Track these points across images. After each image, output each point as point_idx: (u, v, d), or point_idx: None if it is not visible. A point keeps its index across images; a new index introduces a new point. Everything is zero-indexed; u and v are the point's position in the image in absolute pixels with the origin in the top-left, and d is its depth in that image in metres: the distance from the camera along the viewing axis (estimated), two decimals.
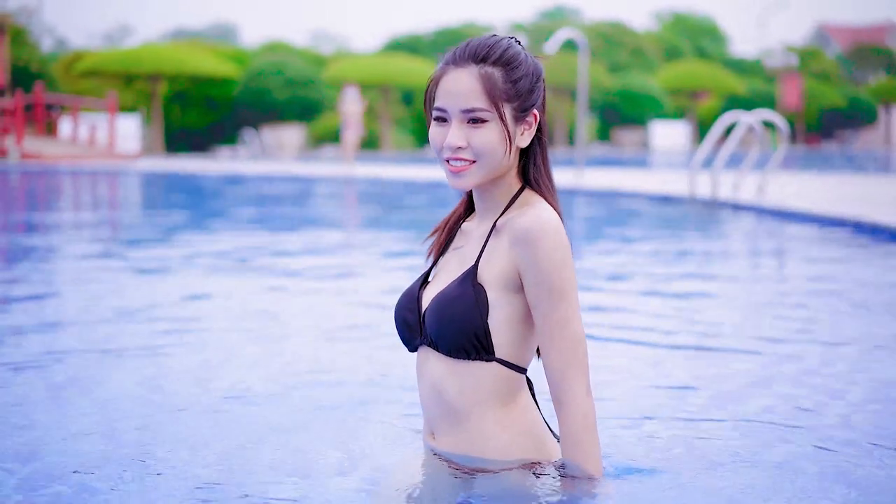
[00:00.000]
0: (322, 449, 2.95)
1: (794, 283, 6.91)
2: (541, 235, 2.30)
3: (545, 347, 2.34)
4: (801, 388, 3.77)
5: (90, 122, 30.91)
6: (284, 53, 42.60)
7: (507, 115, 2.35)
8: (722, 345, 4.66)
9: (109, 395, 3.61)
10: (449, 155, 2.36)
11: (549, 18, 59.46)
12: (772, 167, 13.25)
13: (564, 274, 2.31)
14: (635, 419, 3.33)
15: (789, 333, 4.90)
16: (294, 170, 23.06)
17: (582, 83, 18.19)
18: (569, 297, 2.32)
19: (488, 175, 2.38)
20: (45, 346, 4.46)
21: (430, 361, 2.48)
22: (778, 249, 9.09)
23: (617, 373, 4.03)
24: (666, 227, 11.33)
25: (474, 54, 2.35)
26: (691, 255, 8.50)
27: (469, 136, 2.34)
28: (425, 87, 2.44)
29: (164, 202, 15.86)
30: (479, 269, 2.40)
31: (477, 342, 2.37)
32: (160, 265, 7.53)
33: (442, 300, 2.41)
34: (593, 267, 7.50)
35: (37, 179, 20.45)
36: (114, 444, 3.01)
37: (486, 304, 2.37)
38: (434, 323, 2.42)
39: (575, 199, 14.86)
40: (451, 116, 2.36)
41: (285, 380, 3.87)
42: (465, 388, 2.41)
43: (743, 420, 3.33)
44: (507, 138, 2.36)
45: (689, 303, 5.95)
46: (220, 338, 4.77)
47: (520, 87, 2.36)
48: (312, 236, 10.03)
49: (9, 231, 10.42)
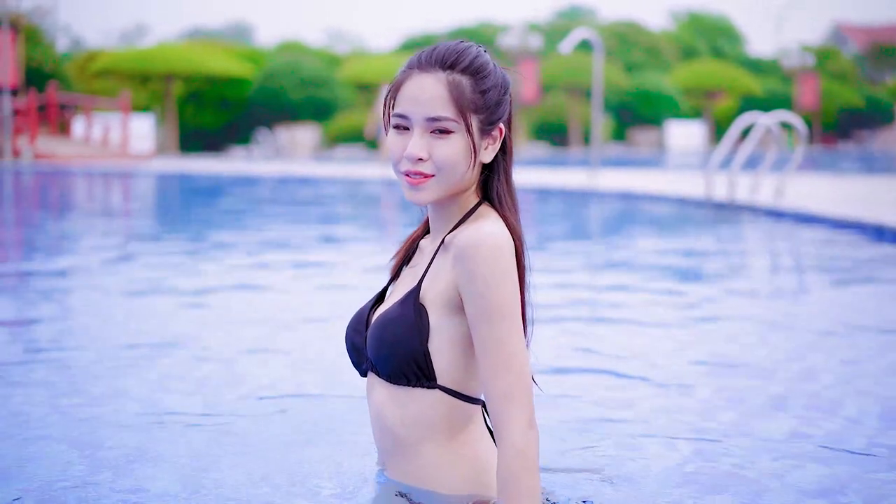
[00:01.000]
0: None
1: (813, 292, 6.73)
2: (479, 251, 2.11)
3: (483, 373, 2.14)
4: (817, 404, 3.62)
5: (104, 122, 30.86)
6: (299, 53, 42.54)
7: (473, 126, 2.18)
8: (736, 360, 4.50)
9: (116, 393, 3.49)
10: (408, 167, 2.18)
11: (564, 18, 59.29)
12: (790, 169, 13.05)
13: (503, 292, 2.11)
14: (651, 424, 3.19)
15: (805, 345, 4.74)
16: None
17: (597, 84, 18.04)
18: (508, 318, 2.11)
19: (448, 190, 2.21)
20: (42, 349, 4.35)
21: (375, 388, 2.31)
22: (797, 255, 8.91)
23: (628, 382, 3.89)
24: (681, 230, 11.16)
25: (442, 60, 2.18)
26: (707, 261, 8.34)
27: (431, 148, 2.17)
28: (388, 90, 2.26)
29: (180, 204, 15.76)
30: (422, 289, 2.23)
31: (417, 368, 2.20)
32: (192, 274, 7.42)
33: (381, 322, 2.25)
34: (604, 270, 7.35)
35: (47, 180, 20.41)
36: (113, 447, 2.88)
37: (427, 326, 2.19)
38: (373, 346, 2.25)
39: (589, 201, 14.71)
40: (413, 125, 2.18)
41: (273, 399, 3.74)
42: (407, 417, 2.24)
43: (762, 438, 3.18)
44: (471, 152, 2.19)
45: (701, 311, 5.78)
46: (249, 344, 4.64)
47: (488, 98, 2.20)
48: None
49: (14, 231, 10.33)
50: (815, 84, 46.76)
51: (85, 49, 51.96)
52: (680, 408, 3.64)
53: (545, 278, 6.43)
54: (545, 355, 4.11)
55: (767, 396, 3.77)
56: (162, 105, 37.52)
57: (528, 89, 37.46)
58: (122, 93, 31.94)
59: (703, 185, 13.32)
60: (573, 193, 15.55)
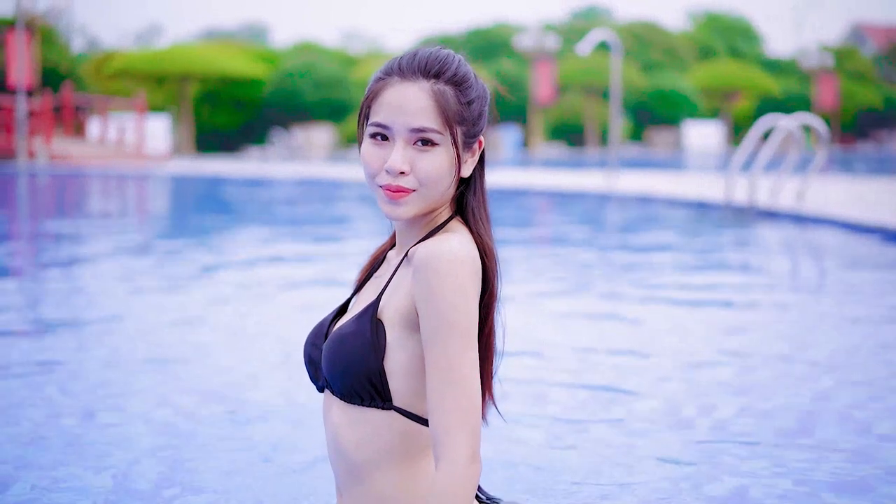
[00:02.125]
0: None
1: (838, 302, 6.55)
2: (435, 263, 1.95)
3: (429, 395, 1.97)
4: (843, 417, 3.46)
5: (119, 123, 30.84)
6: (314, 54, 42.50)
7: (459, 139, 2.04)
8: (757, 375, 4.33)
9: (128, 399, 3.36)
10: (387, 181, 2.03)
11: (581, 18, 59.10)
12: (812, 172, 12.84)
13: (458, 310, 1.94)
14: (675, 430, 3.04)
15: (832, 358, 4.57)
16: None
17: (615, 85, 17.87)
18: (461, 339, 1.95)
19: (428, 206, 2.07)
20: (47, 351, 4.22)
21: (331, 407, 2.15)
22: (821, 262, 8.72)
23: (651, 391, 3.73)
24: (700, 235, 10.98)
25: (425, 68, 2.03)
26: (727, 268, 8.17)
27: (413, 160, 2.02)
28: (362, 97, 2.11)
29: (201, 209, 15.67)
30: (381, 304, 2.08)
31: (371, 386, 2.04)
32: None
33: (336, 337, 2.10)
34: (623, 276, 7.19)
35: (61, 183, 20.35)
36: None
37: (383, 343, 2.04)
38: (327, 362, 2.10)
39: (607, 204, 14.54)
40: (395, 135, 2.02)
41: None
42: (362, 439, 2.08)
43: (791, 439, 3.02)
44: (456, 165, 2.05)
45: (721, 320, 5.61)
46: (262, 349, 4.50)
47: (472, 109, 2.06)
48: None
49: (24, 237, 10.24)
50: (833, 84, 46.48)
51: (100, 50, 52.12)
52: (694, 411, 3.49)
53: (558, 285, 6.25)
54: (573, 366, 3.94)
55: (784, 413, 3.61)
56: (177, 106, 37.54)
57: (543, 90, 37.32)
58: (137, 93, 31.92)
59: (722, 187, 13.13)
60: (590, 196, 15.37)
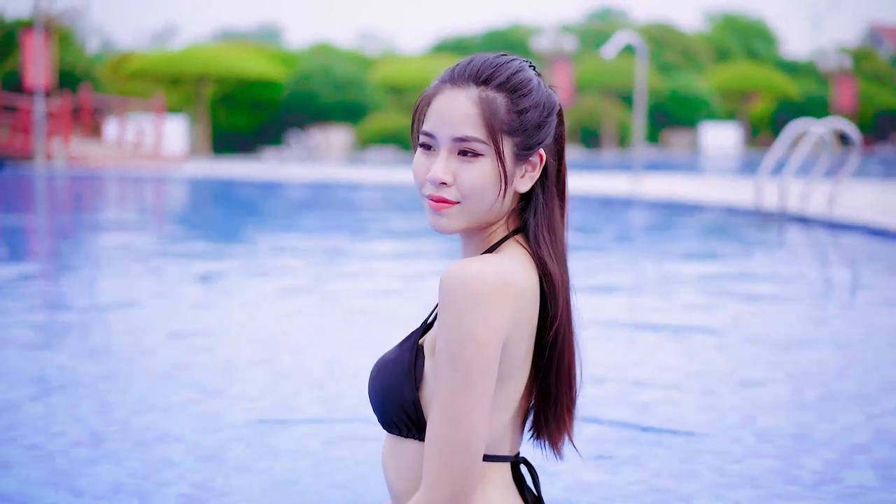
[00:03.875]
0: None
1: (881, 315, 6.38)
2: (455, 285, 1.82)
3: (427, 425, 1.87)
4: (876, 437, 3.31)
5: (136, 124, 30.78)
6: (331, 55, 42.41)
7: (507, 150, 1.91)
8: (787, 394, 4.18)
9: (133, 401, 3.24)
10: (431, 191, 1.92)
11: (596, 19, 58.92)
12: (843, 177, 12.65)
13: (458, 344, 1.80)
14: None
15: (868, 377, 4.42)
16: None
17: (640, 88, 17.72)
18: (458, 377, 1.81)
19: (475, 220, 1.94)
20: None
21: (385, 434, 2.07)
22: (858, 271, 8.54)
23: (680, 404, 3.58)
24: (732, 241, 10.81)
25: (476, 74, 1.92)
26: (762, 278, 8.00)
27: (457, 171, 1.91)
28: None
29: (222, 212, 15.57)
30: (426, 330, 1.98)
31: (406, 417, 1.93)
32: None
33: (379, 364, 2.01)
34: (650, 286, 7.04)
35: (79, 185, 20.29)
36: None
37: (420, 371, 1.92)
38: (370, 390, 2.01)
39: (631, 210, 14.37)
40: (439, 144, 1.93)
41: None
42: (402, 471, 1.98)
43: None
44: (501, 179, 1.91)
45: (756, 334, 5.46)
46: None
47: (526, 119, 1.93)
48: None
49: (39, 239, 10.15)
50: (851, 86, 46.15)
51: (116, 50, 52.12)
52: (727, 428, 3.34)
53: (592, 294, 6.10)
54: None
55: (823, 426, 3.46)
56: (194, 107, 37.48)
57: (561, 92, 37.09)
58: (154, 94, 31.86)
59: (747, 191, 12.95)
60: (616, 201, 15.18)
